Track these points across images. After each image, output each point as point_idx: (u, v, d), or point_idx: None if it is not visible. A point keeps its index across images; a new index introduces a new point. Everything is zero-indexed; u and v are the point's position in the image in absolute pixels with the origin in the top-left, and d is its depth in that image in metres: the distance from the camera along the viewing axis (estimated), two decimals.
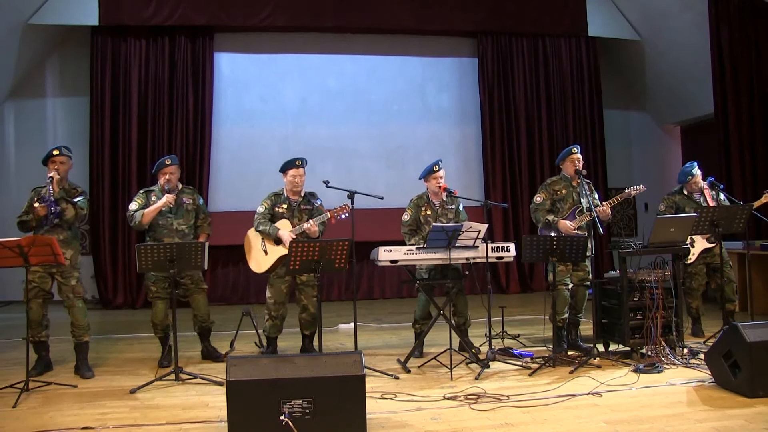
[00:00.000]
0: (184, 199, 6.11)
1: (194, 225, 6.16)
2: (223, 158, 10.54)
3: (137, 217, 5.86)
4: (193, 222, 6.15)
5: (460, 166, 11.17)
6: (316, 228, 5.92)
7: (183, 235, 6.00)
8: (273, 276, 6.07)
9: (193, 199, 6.18)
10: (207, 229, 6.27)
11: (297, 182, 6.09)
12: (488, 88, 11.27)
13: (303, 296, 6.09)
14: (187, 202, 6.11)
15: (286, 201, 6.13)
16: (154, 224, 5.94)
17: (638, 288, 5.67)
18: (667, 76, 11.30)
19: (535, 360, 5.73)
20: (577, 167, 6.17)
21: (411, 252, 5.70)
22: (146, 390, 5.02)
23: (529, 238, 5.52)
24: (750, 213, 6.18)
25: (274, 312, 6.06)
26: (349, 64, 11.03)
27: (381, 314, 8.97)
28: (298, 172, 6.09)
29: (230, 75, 10.69)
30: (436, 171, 6.17)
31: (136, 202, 5.98)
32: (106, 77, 10.15)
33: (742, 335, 4.54)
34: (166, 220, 5.97)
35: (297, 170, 6.09)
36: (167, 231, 5.96)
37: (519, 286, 11.21)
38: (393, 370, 5.51)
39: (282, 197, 6.16)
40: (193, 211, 6.14)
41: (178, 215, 6.02)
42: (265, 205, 6.11)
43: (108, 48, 10.17)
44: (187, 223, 6.07)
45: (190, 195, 6.19)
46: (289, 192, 6.15)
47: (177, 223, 6.00)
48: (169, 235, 5.94)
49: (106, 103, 10.13)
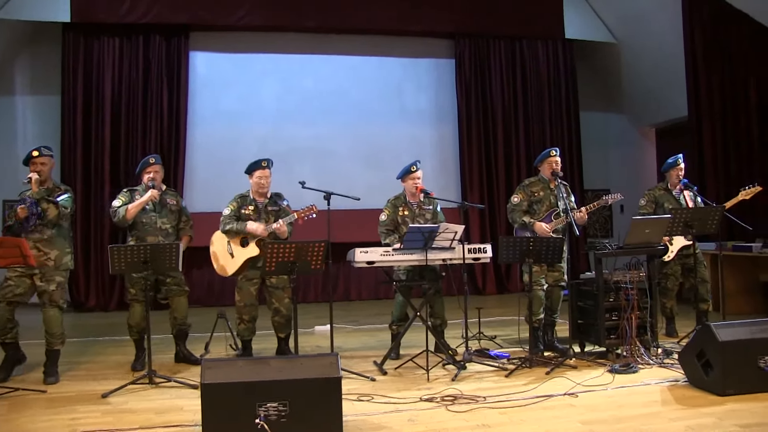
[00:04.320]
0: (168, 199, 6.07)
1: (177, 226, 6.12)
2: (199, 159, 10.46)
3: (121, 212, 5.80)
4: (176, 223, 6.12)
5: (437, 167, 11.17)
6: (285, 228, 5.89)
7: (167, 234, 5.95)
8: (241, 279, 6.03)
9: (177, 201, 6.16)
10: (189, 231, 6.24)
11: (263, 183, 6.05)
12: (465, 90, 11.30)
13: (274, 299, 6.06)
14: (171, 203, 6.08)
15: (252, 203, 6.10)
16: (137, 222, 5.89)
17: (614, 289, 5.73)
18: (643, 78, 11.41)
19: (511, 361, 5.76)
20: (554, 169, 6.22)
21: (388, 253, 5.71)
22: (119, 394, 4.97)
23: (505, 239, 5.55)
24: (722, 214, 6.27)
25: (245, 315, 6.02)
26: (328, 65, 10.99)
27: (358, 316, 8.95)
28: (264, 173, 6.06)
29: (206, 75, 10.61)
30: (414, 171, 6.18)
31: (119, 199, 5.92)
32: (79, 76, 10.01)
33: (714, 335, 4.61)
34: (150, 218, 5.92)
35: (263, 171, 6.06)
36: (151, 229, 5.91)
37: (496, 287, 11.24)
38: (370, 371, 5.51)
39: (248, 199, 6.12)
40: (176, 212, 6.11)
41: (162, 214, 5.98)
42: (231, 207, 6.07)
43: (80, 46, 10.03)
44: (171, 223, 6.03)
45: (173, 197, 6.16)
46: (255, 193, 6.11)
47: (161, 221, 5.95)
48: (153, 234, 5.90)
49: (78, 103, 9.99)
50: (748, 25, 8.94)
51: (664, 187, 7.01)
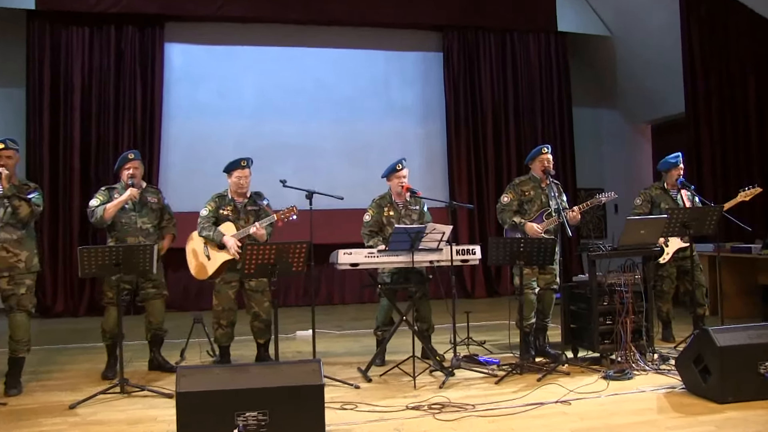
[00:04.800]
0: (149, 197, 6.04)
1: (158, 225, 6.09)
2: (175, 155, 10.41)
3: (98, 212, 5.75)
4: (158, 222, 6.09)
5: (424, 165, 11.20)
6: (263, 231, 5.85)
7: (147, 234, 5.91)
8: (219, 282, 6.00)
9: (158, 199, 6.12)
10: (172, 229, 6.21)
11: (242, 183, 6.03)
12: (454, 85, 11.33)
13: (253, 303, 6.03)
14: (152, 201, 6.04)
15: (231, 203, 6.07)
16: (117, 222, 5.85)
17: (608, 292, 5.75)
18: (639, 73, 11.48)
19: (501, 367, 5.76)
20: (546, 167, 6.22)
21: (372, 255, 5.69)
22: (88, 404, 4.91)
23: (495, 240, 5.56)
24: (720, 215, 6.30)
25: (223, 320, 5.98)
26: (310, 58, 10.97)
27: (341, 320, 8.93)
28: (244, 173, 6.03)
29: (183, 67, 10.57)
30: (399, 170, 6.17)
31: (97, 198, 5.87)
32: (45, 67, 9.91)
33: (712, 340, 4.63)
34: (130, 218, 5.88)
35: (242, 171, 6.03)
36: (131, 230, 5.87)
37: (485, 291, 11.27)
38: (353, 379, 5.50)
39: (227, 199, 6.09)
40: (158, 210, 6.08)
41: (143, 213, 5.94)
42: (209, 207, 6.04)
43: (47, 35, 9.94)
44: (152, 222, 5.99)
45: (154, 194, 6.13)
46: (233, 193, 6.09)
47: (141, 221, 5.91)
48: (133, 234, 5.85)
49: (45, 96, 9.90)
50: (748, 19, 8.99)
51: (661, 186, 7.04)
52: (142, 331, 6.13)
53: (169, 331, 6.28)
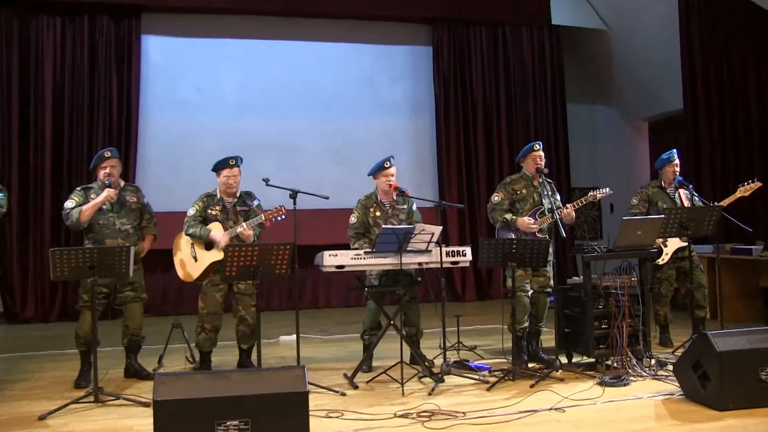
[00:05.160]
0: (128, 197, 6.01)
1: (138, 226, 6.07)
2: (153, 153, 10.37)
3: (74, 214, 5.71)
4: (138, 222, 6.06)
5: (413, 162, 11.21)
6: (250, 232, 5.85)
7: (127, 236, 5.89)
8: (206, 284, 5.99)
9: (138, 198, 6.09)
10: (153, 229, 6.19)
11: (231, 183, 6.03)
12: (444, 80, 11.34)
13: (241, 306, 6.02)
14: (131, 201, 6.01)
15: (219, 202, 6.07)
16: (94, 224, 5.82)
17: (603, 295, 5.76)
18: (635, 69, 11.53)
19: (493, 373, 5.77)
20: (538, 165, 6.24)
21: (359, 257, 5.68)
22: (59, 415, 4.86)
23: (486, 241, 5.56)
24: (720, 215, 6.33)
25: (208, 324, 5.97)
26: (294, 52, 10.96)
27: (326, 325, 8.93)
28: (233, 172, 6.03)
29: (161, 61, 10.52)
30: (387, 168, 6.17)
31: (72, 200, 5.83)
32: (13, 59, 9.82)
33: (711, 344, 4.64)
34: (108, 219, 5.85)
35: (231, 170, 6.02)
36: (109, 231, 5.84)
37: (476, 294, 11.29)
38: (339, 385, 5.49)
39: (215, 198, 6.09)
40: (137, 210, 6.06)
41: (121, 214, 5.91)
42: (196, 207, 6.04)
43: (14, 25, 9.84)
44: (131, 222, 5.97)
45: (133, 193, 6.10)
46: (222, 193, 6.09)
47: (120, 222, 5.88)
48: (112, 236, 5.83)
49: (13, 90, 9.80)
50: (749, 12, 9.03)
51: (658, 184, 7.07)
52: (117, 337, 6.10)
53: (148, 336, 6.25)
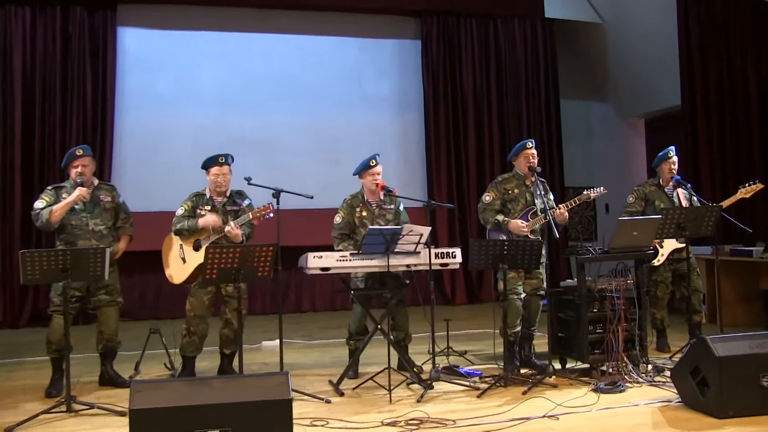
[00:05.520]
0: (102, 196, 5.98)
1: (113, 226, 6.04)
2: (129, 150, 10.31)
3: (44, 215, 5.67)
4: (113, 223, 6.04)
5: (401, 161, 11.21)
6: (238, 231, 5.85)
7: (101, 237, 5.86)
8: (194, 286, 5.98)
9: (113, 197, 6.06)
10: (129, 230, 6.17)
11: (220, 182, 6.02)
12: (433, 75, 11.35)
13: (228, 309, 6.02)
14: (105, 200, 5.98)
15: (209, 202, 6.06)
16: (66, 224, 5.78)
17: (598, 298, 5.78)
18: (631, 64, 11.56)
19: (484, 379, 5.79)
20: (531, 164, 6.25)
21: (345, 258, 5.69)
22: (28, 426, 4.82)
23: (477, 242, 5.57)
24: (719, 215, 6.35)
25: (194, 327, 5.96)
26: (277, 45, 10.95)
27: (310, 329, 8.92)
28: (222, 170, 6.02)
29: (137, 54, 10.47)
30: (373, 166, 6.17)
31: (42, 200, 5.80)
32: None
33: (710, 349, 4.65)
34: (81, 220, 5.82)
35: (221, 168, 6.02)
36: (82, 232, 5.81)
37: (466, 297, 11.31)
38: (324, 392, 5.48)
39: (205, 198, 6.09)
40: (112, 210, 6.03)
41: (95, 214, 5.88)
42: (185, 206, 6.04)
43: None
44: (105, 223, 5.94)
45: (108, 192, 6.07)
46: (212, 192, 6.09)
47: (93, 223, 5.85)
48: (85, 237, 5.80)
49: None
50: (750, 4, 9.02)
51: (655, 183, 7.10)
52: (91, 343, 6.07)
53: (125, 342, 6.23)
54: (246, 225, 5.95)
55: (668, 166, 7.01)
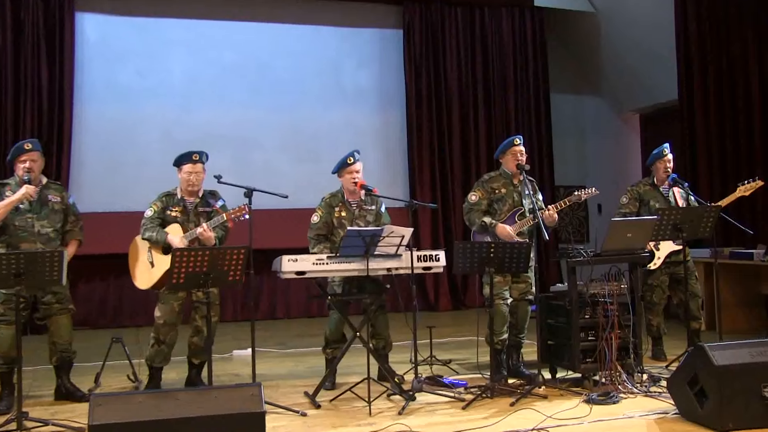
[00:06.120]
0: (51, 196, 5.92)
1: (62, 229, 5.98)
2: (89, 146, 10.23)
3: None
4: (61, 225, 5.97)
5: (382, 158, 11.22)
6: (211, 234, 5.81)
7: (48, 240, 5.79)
8: (164, 292, 5.94)
9: (62, 198, 6.01)
10: (78, 234, 6.10)
11: (192, 180, 5.99)
12: (415, 66, 11.37)
13: (198, 316, 6.01)
14: (54, 201, 5.92)
15: (180, 203, 6.03)
16: (9, 225, 5.71)
17: (590, 303, 5.80)
18: (626, 55, 11.62)
19: (469, 390, 5.78)
20: (519, 161, 6.27)
21: (321, 262, 5.67)
22: None
23: (461, 244, 5.57)
24: (718, 216, 6.39)
25: (163, 335, 5.93)
26: (250, 34, 10.93)
27: (285, 337, 8.91)
28: (195, 168, 5.99)
29: (98, 42, 10.39)
30: (351, 164, 6.17)
31: None
32: None
33: (709, 358, 4.66)
34: (26, 221, 5.75)
35: (194, 166, 5.99)
36: (26, 234, 5.74)
37: (450, 302, 11.33)
38: (299, 405, 5.48)
39: (175, 198, 6.06)
40: (61, 211, 5.97)
41: (42, 215, 5.82)
42: (154, 207, 6.00)
43: None
44: (53, 225, 5.88)
45: (57, 192, 6.01)
46: (184, 191, 6.05)
47: (40, 225, 5.79)
48: (29, 240, 5.73)
49: None
50: None
51: (650, 182, 7.14)
52: (41, 354, 6.00)
53: (84, 352, 6.18)
54: (219, 227, 5.93)
55: (663, 165, 7.04)
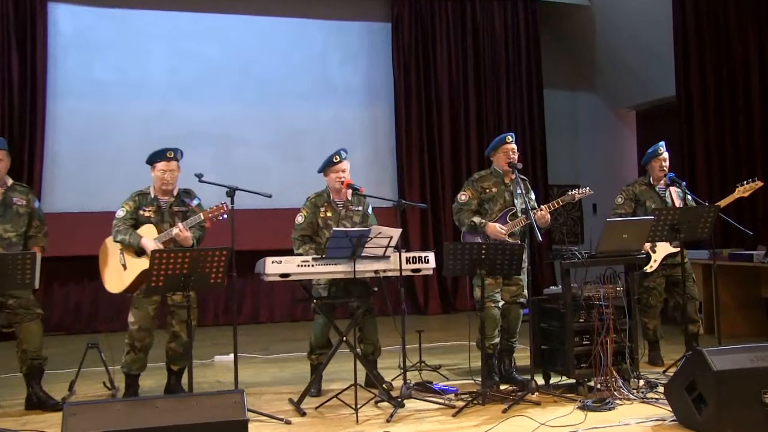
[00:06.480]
0: (15, 198, 5.89)
1: (25, 234, 5.95)
2: (64, 143, 10.21)
3: None
4: (24, 230, 5.94)
5: (369, 156, 11.23)
6: (188, 234, 5.81)
7: (9, 245, 5.76)
8: (138, 295, 5.92)
9: (27, 200, 5.98)
10: (42, 240, 6.07)
11: (167, 179, 5.97)
12: (404, 61, 11.38)
13: (175, 320, 5.98)
14: (19, 203, 5.89)
15: (153, 202, 6.01)
16: None
17: (584, 307, 5.82)
18: (622, 50, 11.65)
19: (460, 397, 5.79)
20: (511, 160, 6.27)
21: (306, 264, 5.67)
22: None
23: (452, 246, 5.59)
24: (717, 216, 6.42)
25: (138, 341, 5.91)
26: (233, 27, 10.93)
27: (269, 342, 8.91)
28: (170, 166, 5.97)
29: (74, 34, 10.36)
30: (337, 163, 6.17)
31: None
32: None
33: (707, 363, 4.67)
34: None
35: (168, 164, 5.96)
36: None
37: (440, 306, 11.36)
38: (284, 412, 5.48)
39: (149, 197, 6.04)
40: (25, 215, 5.94)
41: (6, 218, 5.80)
42: (126, 207, 5.97)
43: None
44: (17, 230, 5.85)
45: (23, 195, 5.98)
46: (157, 190, 6.03)
47: (2, 228, 5.77)
48: None
49: None
50: None
51: (646, 182, 7.16)
52: (12, 362, 5.96)
53: (57, 358, 6.17)
54: (196, 227, 5.92)
55: (659, 164, 7.06)
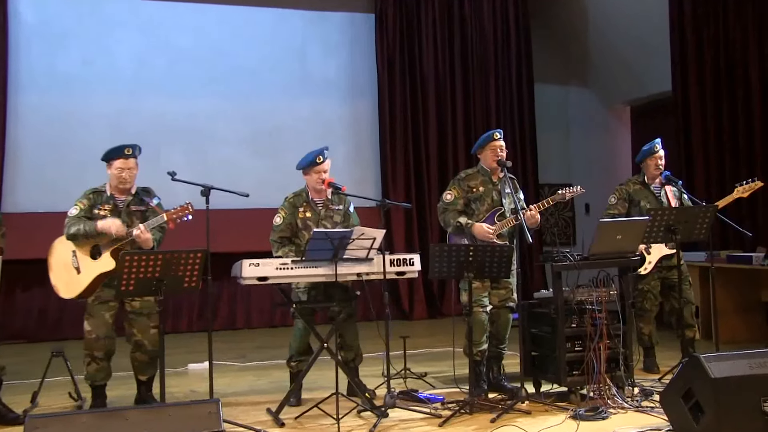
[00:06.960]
0: None
1: None
2: (26, 139, 10.16)
3: None
4: None
5: (351, 154, 11.24)
6: (148, 235, 5.76)
7: None
8: (93, 302, 5.88)
9: None
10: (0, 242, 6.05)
11: (125, 177, 5.93)
12: (388, 54, 11.40)
13: (135, 329, 5.93)
14: None
15: (110, 200, 5.97)
16: None
17: (577, 311, 5.84)
18: (616, 43, 11.69)
19: (446, 406, 5.80)
20: (499, 157, 6.30)
21: (285, 266, 5.66)
22: None
23: (438, 247, 5.59)
24: (714, 216, 6.46)
25: (98, 351, 5.87)
26: (206, 17, 10.92)
27: (245, 349, 8.90)
28: (127, 164, 5.92)
29: (36, 24, 10.32)
30: (319, 163, 6.16)
31: None
32: None
33: (705, 370, 4.69)
34: None
35: (126, 161, 5.91)
36: None
37: (426, 310, 11.38)
38: (262, 423, 5.48)
39: (105, 196, 5.99)
40: None
41: None
42: (79, 206, 5.91)
43: None
44: None
45: None
46: (114, 189, 5.99)
47: None
48: None
49: None
50: None
51: (641, 180, 7.19)
52: None
53: (19, 368, 6.13)
54: (156, 228, 5.89)
55: (654, 162, 7.08)
